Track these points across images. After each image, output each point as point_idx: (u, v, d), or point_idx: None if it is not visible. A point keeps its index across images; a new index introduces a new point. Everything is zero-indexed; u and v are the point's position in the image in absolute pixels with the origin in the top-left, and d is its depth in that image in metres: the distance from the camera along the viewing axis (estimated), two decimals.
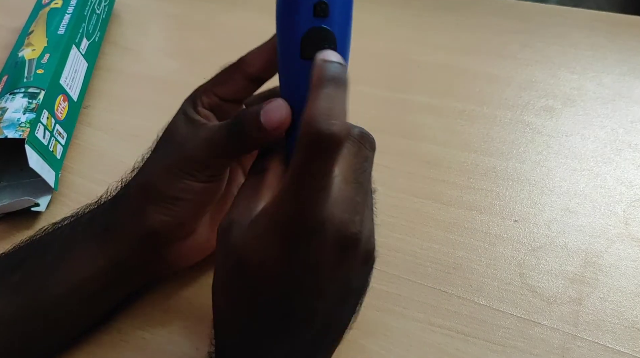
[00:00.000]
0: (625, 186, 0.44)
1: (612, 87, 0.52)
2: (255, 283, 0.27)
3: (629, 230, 0.41)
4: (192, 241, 0.36)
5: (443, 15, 0.61)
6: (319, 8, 0.27)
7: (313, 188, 0.24)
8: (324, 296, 0.27)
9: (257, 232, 0.26)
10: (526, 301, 0.38)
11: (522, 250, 0.40)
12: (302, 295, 0.27)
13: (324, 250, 0.26)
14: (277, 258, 0.26)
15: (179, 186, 0.32)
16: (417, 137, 0.49)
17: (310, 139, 0.23)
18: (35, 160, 0.44)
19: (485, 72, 0.54)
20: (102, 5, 0.63)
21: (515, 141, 0.48)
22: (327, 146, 0.23)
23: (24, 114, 0.46)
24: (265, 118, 0.29)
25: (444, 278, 0.39)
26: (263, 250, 0.26)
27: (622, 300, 0.37)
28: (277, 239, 0.26)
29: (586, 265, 0.39)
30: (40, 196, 0.46)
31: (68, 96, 0.52)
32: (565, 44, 0.56)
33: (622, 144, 0.47)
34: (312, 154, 0.24)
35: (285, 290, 0.27)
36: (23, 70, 0.50)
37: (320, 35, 0.27)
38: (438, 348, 0.36)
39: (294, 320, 0.27)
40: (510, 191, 0.44)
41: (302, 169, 0.24)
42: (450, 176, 0.46)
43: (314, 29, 0.27)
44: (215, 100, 0.33)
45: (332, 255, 0.26)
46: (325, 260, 0.26)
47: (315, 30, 0.27)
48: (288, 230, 0.25)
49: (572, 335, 0.36)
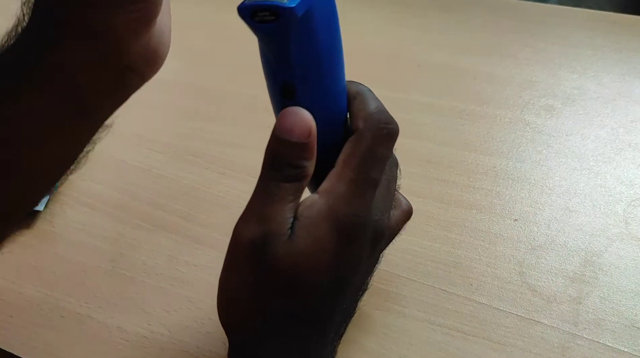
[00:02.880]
0: (625, 185, 0.44)
1: (612, 87, 0.52)
2: (302, 289, 0.27)
3: (628, 229, 0.41)
4: (153, 38, 0.28)
5: (443, 15, 0.61)
6: (286, 90, 0.26)
7: (372, 185, 0.27)
8: (354, 289, 0.29)
9: (313, 237, 0.26)
10: (526, 300, 0.38)
11: (522, 249, 0.40)
12: (342, 292, 0.28)
13: (365, 247, 0.27)
14: (330, 261, 0.26)
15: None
16: (417, 136, 0.49)
17: (372, 135, 0.27)
18: None
19: (485, 72, 0.54)
20: None
21: (516, 140, 0.48)
22: (390, 138, 0.27)
23: None
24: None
25: (444, 277, 0.39)
26: (318, 255, 0.26)
27: (622, 299, 0.37)
28: (334, 240, 0.26)
29: (586, 264, 0.39)
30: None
31: None
32: (565, 43, 0.56)
33: (622, 144, 0.47)
34: (377, 145, 0.27)
35: (330, 290, 0.27)
36: None
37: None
38: (438, 347, 0.36)
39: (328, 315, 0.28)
40: (510, 191, 0.44)
41: (365, 165, 0.27)
42: (451, 175, 0.46)
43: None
44: None
45: (368, 250, 0.28)
46: (365, 256, 0.28)
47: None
48: (347, 229, 0.26)
49: (572, 334, 0.36)
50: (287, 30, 0.24)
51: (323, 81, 0.27)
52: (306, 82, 0.26)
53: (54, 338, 0.38)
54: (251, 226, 0.26)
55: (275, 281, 0.26)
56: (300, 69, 0.26)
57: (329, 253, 0.26)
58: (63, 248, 0.43)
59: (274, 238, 0.26)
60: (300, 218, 0.26)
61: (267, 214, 0.26)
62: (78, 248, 0.43)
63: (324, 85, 0.27)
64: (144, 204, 0.46)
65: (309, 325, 0.28)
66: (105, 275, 0.42)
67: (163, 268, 0.41)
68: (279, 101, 0.27)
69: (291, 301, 0.27)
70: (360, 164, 0.27)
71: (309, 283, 0.26)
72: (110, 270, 0.42)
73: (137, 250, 0.43)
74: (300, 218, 0.26)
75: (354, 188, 0.26)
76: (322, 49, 0.26)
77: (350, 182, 0.26)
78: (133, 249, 0.43)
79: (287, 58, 0.25)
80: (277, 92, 0.27)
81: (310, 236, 0.26)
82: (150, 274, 0.41)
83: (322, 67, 0.27)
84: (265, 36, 0.25)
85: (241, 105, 0.53)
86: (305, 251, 0.26)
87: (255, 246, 0.26)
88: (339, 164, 0.27)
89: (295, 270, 0.26)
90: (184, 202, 0.46)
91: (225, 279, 0.28)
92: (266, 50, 0.26)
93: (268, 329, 0.27)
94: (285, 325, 0.27)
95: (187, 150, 0.50)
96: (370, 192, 0.27)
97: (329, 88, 0.28)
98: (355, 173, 0.27)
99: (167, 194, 0.46)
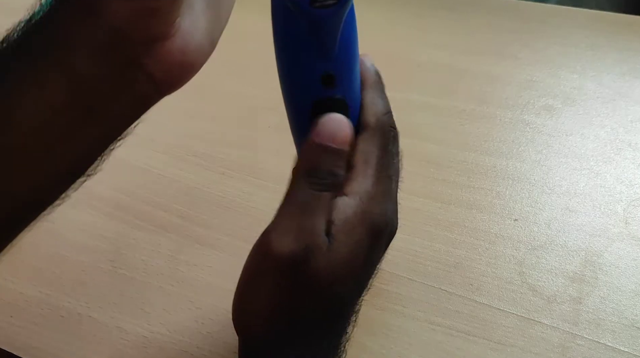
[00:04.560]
0: (625, 185, 0.44)
1: (612, 87, 0.52)
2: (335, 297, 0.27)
3: (629, 229, 0.41)
4: (175, 43, 0.26)
5: (443, 15, 0.61)
6: (327, 79, 0.27)
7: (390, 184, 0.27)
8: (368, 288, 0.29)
9: (353, 240, 0.26)
10: (526, 300, 0.38)
11: (522, 249, 0.40)
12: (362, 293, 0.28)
13: (383, 246, 0.28)
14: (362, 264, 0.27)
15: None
16: (417, 136, 0.49)
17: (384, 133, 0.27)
18: None
19: (485, 72, 0.54)
20: None
21: (516, 140, 0.48)
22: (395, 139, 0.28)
23: None
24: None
25: (445, 277, 0.39)
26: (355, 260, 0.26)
27: (622, 299, 0.37)
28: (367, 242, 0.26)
29: (586, 263, 0.39)
30: None
31: None
32: (565, 43, 0.56)
33: (622, 144, 0.47)
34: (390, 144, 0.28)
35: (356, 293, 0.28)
36: None
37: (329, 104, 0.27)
38: (438, 347, 0.36)
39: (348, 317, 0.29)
40: (510, 190, 0.44)
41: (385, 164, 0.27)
42: (451, 175, 0.46)
43: (323, 99, 0.27)
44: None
45: (383, 249, 0.28)
46: (382, 255, 0.28)
47: (324, 100, 0.27)
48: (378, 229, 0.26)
49: (572, 334, 0.36)
50: (342, 15, 0.25)
51: (357, 69, 0.28)
52: (346, 70, 0.27)
53: (54, 338, 0.38)
54: (290, 240, 0.25)
55: (311, 292, 0.26)
56: (342, 56, 0.26)
57: (362, 256, 0.26)
58: (63, 248, 0.43)
59: (316, 252, 0.25)
60: (337, 221, 0.25)
61: (307, 227, 0.25)
62: (78, 248, 0.43)
63: (357, 75, 0.28)
64: (144, 204, 0.46)
65: (332, 328, 0.28)
66: (105, 275, 0.41)
67: (163, 268, 0.41)
68: (317, 91, 0.27)
69: (323, 309, 0.27)
70: (380, 163, 0.27)
71: (343, 290, 0.27)
72: (110, 270, 0.42)
73: (137, 250, 0.43)
74: (337, 222, 0.25)
75: (381, 187, 0.27)
76: (355, 37, 0.27)
77: (375, 182, 0.26)
78: (133, 249, 0.43)
79: (333, 45, 0.26)
80: (316, 81, 0.27)
81: (351, 239, 0.26)
82: (150, 274, 0.41)
83: (356, 55, 0.27)
84: (320, 22, 0.25)
85: (241, 105, 0.53)
86: (346, 258, 0.26)
87: (296, 262, 0.25)
88: (359, 163, 0.27)
89: (333, 278, 0.26)
90: (184, 202, 0.46)
91: (251, 289, 0.27)
92: (311, 39, 0.26)
93: (293, 335, 0.27)
94: (311, 330, 0.27)
95: (187, 150, 0.50)
96: (390, 191, 0.27)
97: (358, 78, 0.28)
98: (378, 172, 0.27)
99: (167, 194, 0.46)
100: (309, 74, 0.27)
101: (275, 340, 0.27)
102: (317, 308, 0.26)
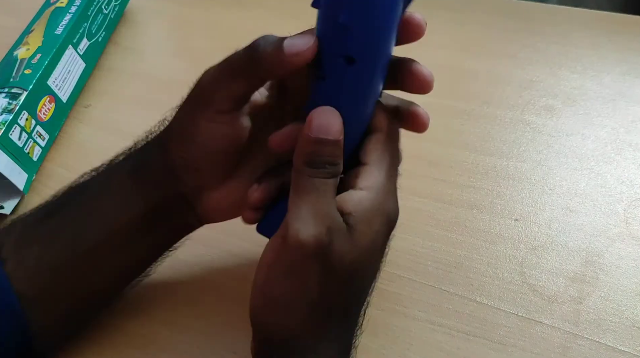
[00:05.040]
0: (625, 185, 0.44)
1: (612, 87, 0.52)
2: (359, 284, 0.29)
3: (629, 229, 0.41)
4: (219, 195, 0.34)
5: (443, 15, 0.61)
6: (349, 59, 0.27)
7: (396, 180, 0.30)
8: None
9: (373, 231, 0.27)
10: (527, 300, 0.38)
11: (522, 249, 0.40)
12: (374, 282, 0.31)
13: (388, 236, 0.29)
14: (379, 253, 0.29)
15: (197, 122, 0.31)
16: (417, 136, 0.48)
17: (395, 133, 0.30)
18: (4, 163, 0.44)
19: (485, 71, 0.54)
20: (111, 4, 0.63)
21: (516, 140, 0.48)
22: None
23: (0, 114, 0.46)
24: (288, 46, 0.27)
25: (445, 277, 0.39)
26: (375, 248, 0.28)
27: (623, 299, 0.37)
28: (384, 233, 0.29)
29: (587, 264, 0.39)
30: (9, 199, 0.46)
31: (56, 97, 0.52)
32: (565, 43, 0.56)
33: (623, 144, 0.47)
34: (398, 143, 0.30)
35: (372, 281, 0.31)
36: (12, 69, 0.50)
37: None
38: (439, 347, 0.36)
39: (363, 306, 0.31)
40: (510, 190, 0.44)
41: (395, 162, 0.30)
42: (451, 175, 0.46)
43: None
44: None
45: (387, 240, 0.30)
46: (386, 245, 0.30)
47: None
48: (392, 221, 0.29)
49: (573, 334, 0.36)
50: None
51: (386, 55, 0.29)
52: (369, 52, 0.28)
53: None
54: (311, 226, 0.26)
55: (339, 279, 0.27)
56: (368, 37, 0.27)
57: (379, 246, 0.29)
58: None
59: (338, 233, 0.26)
60: (355, 213, 0.27)
61: (324, 210, 0.26)
62: None
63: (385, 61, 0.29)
64: None
65: (353, 318, 0.30)
66: None
67: (163, 268, 0.41)
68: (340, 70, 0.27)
69: (347, 297, 0.29)
70: (392, 161, 0.29)
71: (365, 277, 0.29)
72: None
73: None
74: (356, 213, 0.27)
75: (393, 182, 0.29)
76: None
77: (389, 178, 0.29)
78: None
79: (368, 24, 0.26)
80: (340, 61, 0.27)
81: (371, 229, 0.27)
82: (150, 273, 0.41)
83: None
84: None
85: None
86: (368, 246, 0.27)
87: (322, 244, 0.26)
88: (374, 160, 0.29)
89: (357, 265, 0.27)
90: None
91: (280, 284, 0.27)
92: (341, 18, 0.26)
93: (329, 326, 0.28)
94: (340, 319, 0.29)
95: None
96: (395, 186, 0.30)
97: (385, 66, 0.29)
98: (390, 168, 0.29)
99: None
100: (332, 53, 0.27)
101: (312, 332, 0.28)
102: (345, 297, 0.28)
